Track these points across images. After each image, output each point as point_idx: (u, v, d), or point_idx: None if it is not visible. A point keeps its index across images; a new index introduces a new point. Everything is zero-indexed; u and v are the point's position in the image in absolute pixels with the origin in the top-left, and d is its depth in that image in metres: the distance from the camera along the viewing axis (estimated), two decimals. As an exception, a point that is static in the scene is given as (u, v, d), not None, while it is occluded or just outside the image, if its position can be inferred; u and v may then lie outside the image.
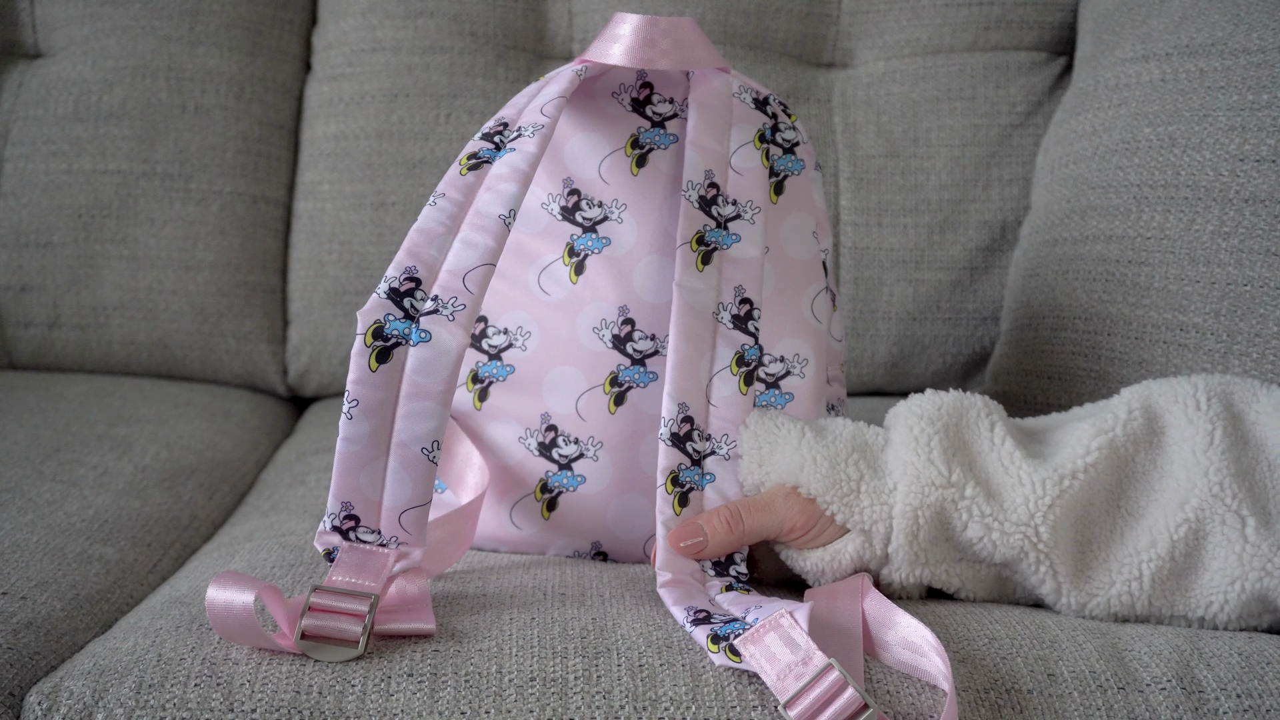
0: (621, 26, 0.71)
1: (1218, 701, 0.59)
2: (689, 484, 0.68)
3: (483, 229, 0.64)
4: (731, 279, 0.70)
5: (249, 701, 0.56)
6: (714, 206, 0.71)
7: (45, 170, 1.17)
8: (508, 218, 0.64)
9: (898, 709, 0.58)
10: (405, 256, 0.64)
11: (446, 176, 0.67)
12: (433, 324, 0.62)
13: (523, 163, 0.66)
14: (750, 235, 0.70)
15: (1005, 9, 1.18)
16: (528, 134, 0.67)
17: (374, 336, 0.62)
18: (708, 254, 0.70)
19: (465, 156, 0.68)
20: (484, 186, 0.66)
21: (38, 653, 0.64)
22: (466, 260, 0.64)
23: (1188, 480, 0.66)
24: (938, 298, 1.17)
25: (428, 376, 0.62)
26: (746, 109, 0.72)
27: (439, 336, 0.62)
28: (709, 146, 0.71)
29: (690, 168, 0.71)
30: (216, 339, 1.19)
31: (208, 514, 0.90)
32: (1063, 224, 0.99)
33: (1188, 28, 0.93)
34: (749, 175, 0.71)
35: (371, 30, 1.20)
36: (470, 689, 0.57)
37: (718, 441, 0.69)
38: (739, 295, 0.70)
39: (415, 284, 0.63)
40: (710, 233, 0.70)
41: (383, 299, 0.63)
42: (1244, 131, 0.85)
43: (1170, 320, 0.86)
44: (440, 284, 0.63)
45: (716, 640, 0.59)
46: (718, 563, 0.67)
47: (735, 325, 0.70)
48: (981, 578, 0.69)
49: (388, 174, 1.18)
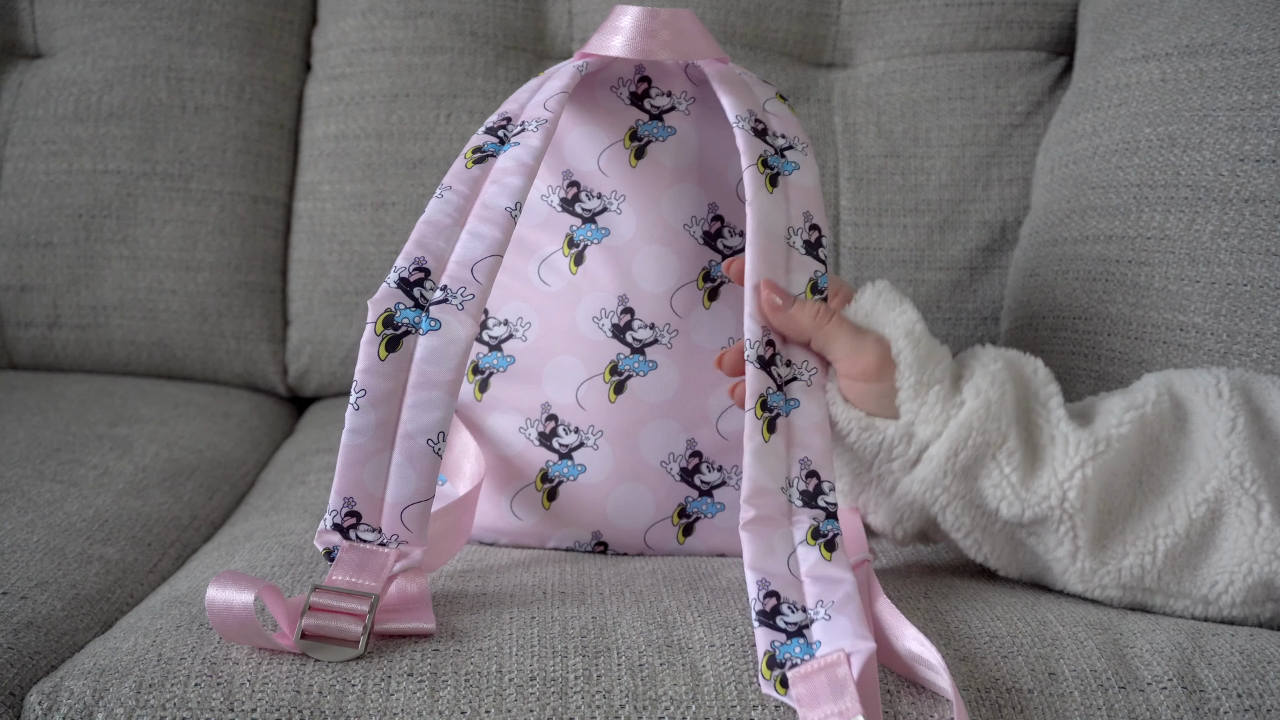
0: (622, 19, 0.71)
1: (1219, 701, 0.59)
2: (775, 409, 0.66)
3: (489, 221, 0.65)
4: (799, 204, 0.69)
5: (249, 701, 0.56)
6: (767, 136, 0.70)
7: (45, 170, 1.17)
8: (514, 210, 0.65)
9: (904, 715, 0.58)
10: (414, 248, 0.64)
11: (452, 170, 0.67)
12: (442, 313, 0.63)
13: (527, 156, 0.66)
14: (806, 165, 0.70)
15: (1005, 9, 1.18)
16: (531, 129, 0.67)
17: (384, 325, 0.63)
18: (774, 177, 0.69)
19: (470, 150, 0.68)
20: (489, 180, 0.67)
21: (38, 652, 0.64)
22: (474, 251, 0.64)
23: (1208, 462, 0.67)
24: (938, 298, 1.17)
25: (436, 365, 0.62)
26: (757, 83, 0.73)
27: (449, 325, 0.62)
28: (743, 96, 0.71)
29: (732, 107, 0.69)
30: (216, 339, 1.19)
31: (208, 514, 0.90)
32: (1063, 224, 0.99)
33: (1188, 28, 0.93)
34: (784, 118, 0.72)
35: (371, 30, 1.20)
36: (470, 688, 0.57)
37: (798, 368, 0.68)
38: (808, 220, 0.69)
39: (424, 274, 0.64)
40: (771, 158, 0.69)
41: (393, 288, 0.63)
42: (1244, 131, 0.85)
43: (1170, 320, 0.86)
44: (449, 274, 0.64)
45: (772, 665, 0.58)
46: (805, 492, 0.65)
47: (807, 251, 0.69)
48: (995, 531, 0.69)
49: (388, 174, 1.18)
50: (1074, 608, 0.67)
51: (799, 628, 0.59)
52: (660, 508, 0.74)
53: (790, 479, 0.65)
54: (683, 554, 0.75)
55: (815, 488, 0.65)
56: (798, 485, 0.65)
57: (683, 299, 0.73)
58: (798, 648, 0.58)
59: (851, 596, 0.60)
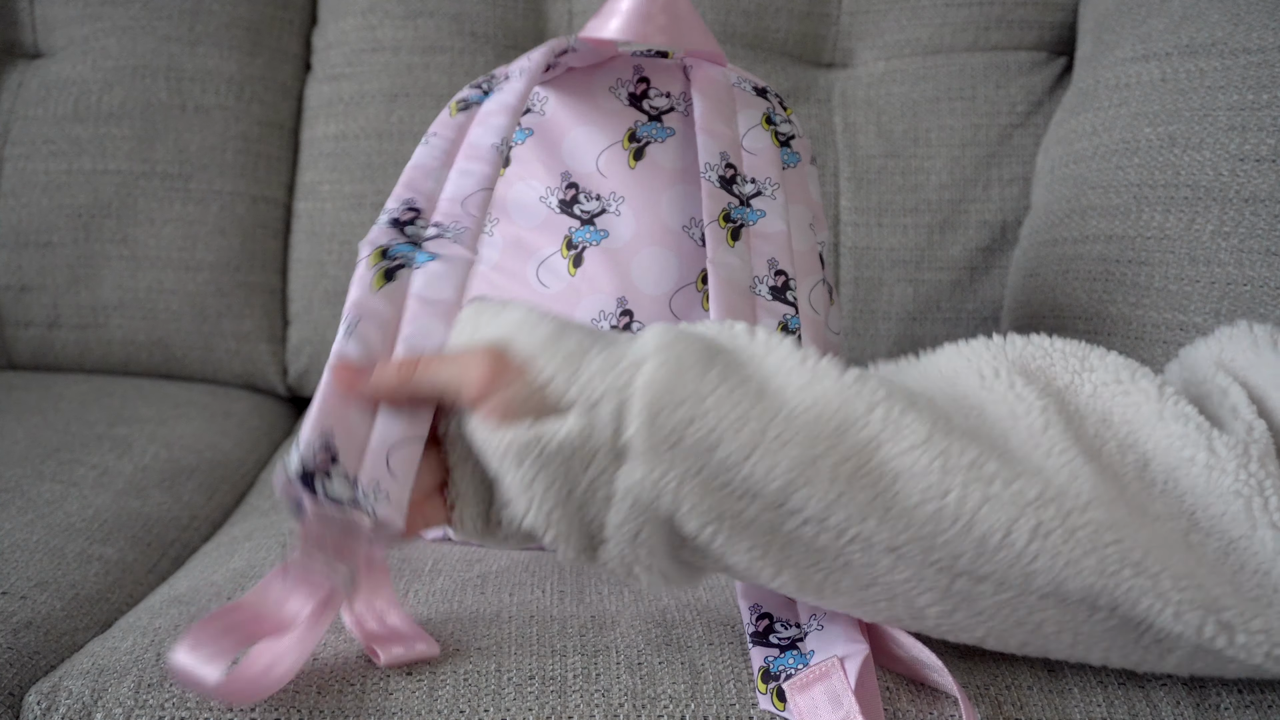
0: (620, 3, 0.72)
1: (1219, 698, 0.59)
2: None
3: (477, 158, 0.65)
4: (762, 253, 0.71)
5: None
6: (734, 185, 0.71)
7: (45, 170, 1.17)
8: (500, 146, 0.65)
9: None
10: (403, 190, 0.64)
11: (437, 119, 0.68)
12: (439, 247, 0.62)
13: (511, 98, 0.67)
14: (774, 210, 0.71)
15: (1005, 9, 1.18)
16: (515, 77, 0.68)
17: (380, 256, 0.61)
18: (736, 230, 0.70)
19: (454, 102, 0.69)
20: (474, 123, 0.67)
21: (37, 652, 0.64)
22: (464, 187, 0.64)
23: None
24: (938, 298, 1.17)
25: (435, 291, 0.59)
26: (748, 96, 0.73)
27: (446, 254, 0.61)
28: (719, 131, 0.72)
29: (705, 151, 0.71)
30: (216, 339, 1.19)
31: (208, 514, 0.90)
32: (1063, 224, 0.99)
33: (1188, 28, 0.93)
34: (762, 155, 0.72)
35: (371, 30, 1.20)
36: (469, 688, 0.57)
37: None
38: (773, 267, 0.70)
39: (416, 213, 0.63)
40: (735, 210, 0.71)
41: (385, 227, 0.63)
42: (1244, 131, 0.85)
43: (1170, 320, 0.86)
44: (441, 211, 0.63)
45: (767, 679, 0.58)
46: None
47: (774, 296, 0.70)
48: (749, 519, 0.52)
49: (388, 174, 1.18)
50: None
51: (792, 641, 0.60)
52: None
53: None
54: None
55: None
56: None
57: (682, 301, 0.73)
58: (791, 659, 0.59)
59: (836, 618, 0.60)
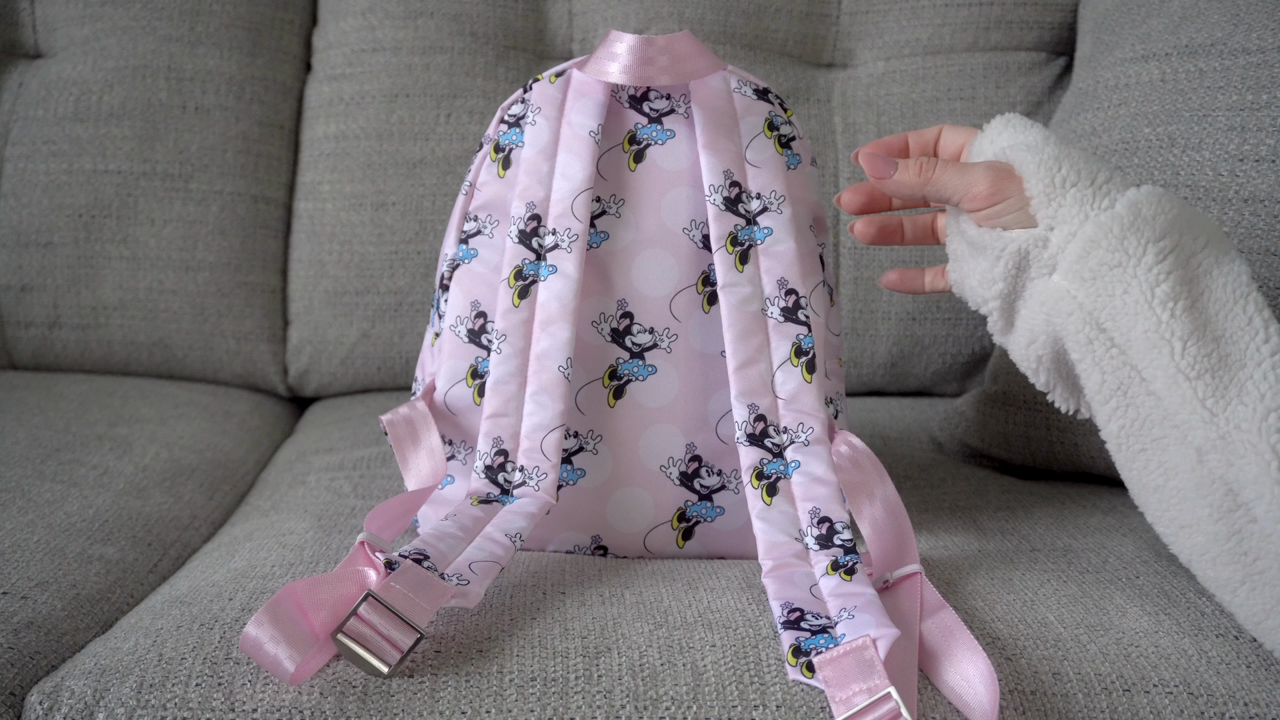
0: (617, 45, 0.71)
1: (1225, 706, 0.59)
2: (775, 475, 0.70)
3: (576, 153, 0.72)
4: (772, 272, 0.71)
5: (250, 701, 0.56)
6: (739, 204, 0.71)
7: (45, 170, 1.17)
8: (595, 134, 0.72)
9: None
10: (522, 204, 0.72)
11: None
12: (557, 258, 0.70)
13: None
14: (781, 225, 0.71)
15: (1005, 9, 1.19)
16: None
17: (516, 278, 0.71)
18: (744, 253, 0.71)
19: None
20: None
21: (39, 652, 0.64)
22: (563, 190, 0.71)
23: None
24: (938, 297, 1.17)
25: (559, 301, 0.70)
26: (749, 101, 0.73)
27: (563, 268, 0.70)
28: (722, 146, 0.71)
29: (709, 171, 0.71)
30: (216, 339, 1.19)
31: (208, 514, 0.90)
32: (1063, 224, 0.99)
33: (1187, 28, 0.93)
34: (766, 166, 0.72)
35: (371, 30, 1.20)
36: (470, 689, 0.57)
37: (794, 433, 0.70)
38: (783, 287, 0.71)
39: (538, 221, 0.71)
40: (742, 231, 0.71)
41: (515, 243, 0.71)
42: (1244, 131, 0.85)
43: (1171, 320, 0.86)
44: (553, 216, 0.71)
45: (797, 654, 0.59)
46: (820, 536, 0.68)
47: (786, 318, 0.71)
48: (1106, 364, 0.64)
49: (388, 174, 1.18)
50: (1074, 609, 0.67)
51: (823, 628, 0.61)
52: (660, 511, 0.74)
53: (802, 529, 0.69)
54: (682, 558, 0.75)
55: (828, 530, 0.68)
56: (811, 533, 0.68)
57: (682, 303, 0.73)
58: (821, 639, 0.60)
59: (874, 601, 0.61)
